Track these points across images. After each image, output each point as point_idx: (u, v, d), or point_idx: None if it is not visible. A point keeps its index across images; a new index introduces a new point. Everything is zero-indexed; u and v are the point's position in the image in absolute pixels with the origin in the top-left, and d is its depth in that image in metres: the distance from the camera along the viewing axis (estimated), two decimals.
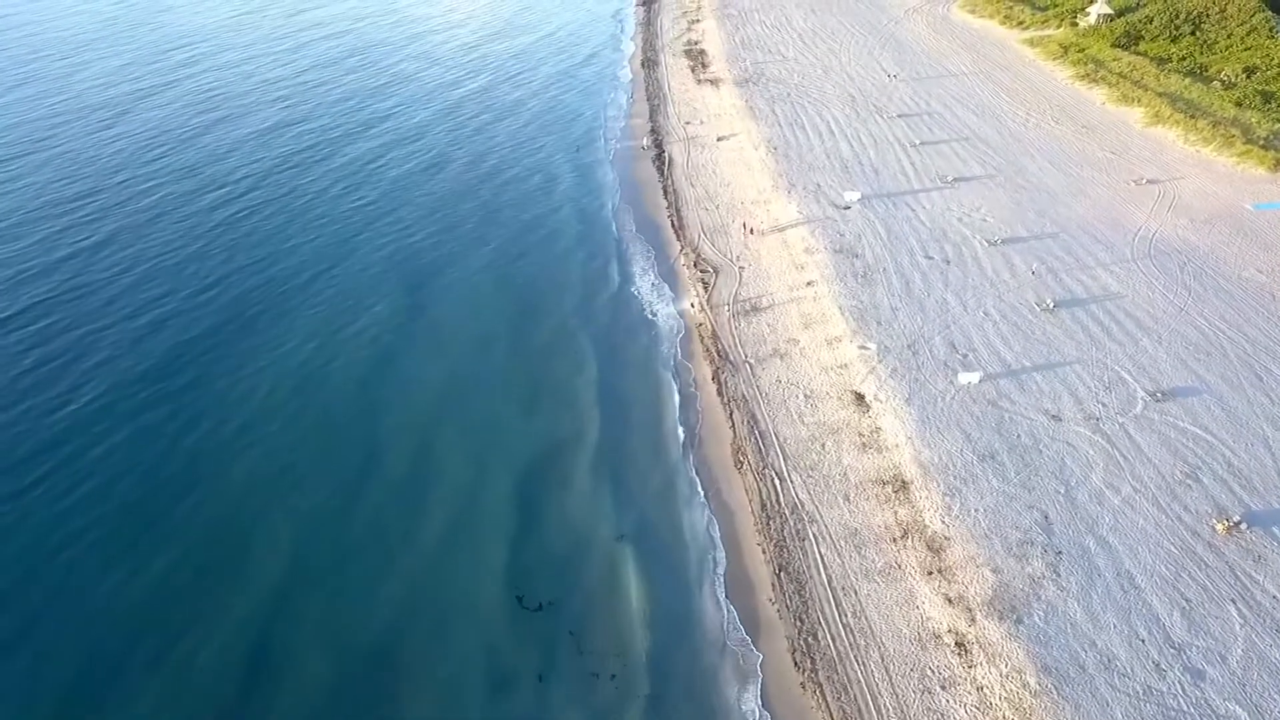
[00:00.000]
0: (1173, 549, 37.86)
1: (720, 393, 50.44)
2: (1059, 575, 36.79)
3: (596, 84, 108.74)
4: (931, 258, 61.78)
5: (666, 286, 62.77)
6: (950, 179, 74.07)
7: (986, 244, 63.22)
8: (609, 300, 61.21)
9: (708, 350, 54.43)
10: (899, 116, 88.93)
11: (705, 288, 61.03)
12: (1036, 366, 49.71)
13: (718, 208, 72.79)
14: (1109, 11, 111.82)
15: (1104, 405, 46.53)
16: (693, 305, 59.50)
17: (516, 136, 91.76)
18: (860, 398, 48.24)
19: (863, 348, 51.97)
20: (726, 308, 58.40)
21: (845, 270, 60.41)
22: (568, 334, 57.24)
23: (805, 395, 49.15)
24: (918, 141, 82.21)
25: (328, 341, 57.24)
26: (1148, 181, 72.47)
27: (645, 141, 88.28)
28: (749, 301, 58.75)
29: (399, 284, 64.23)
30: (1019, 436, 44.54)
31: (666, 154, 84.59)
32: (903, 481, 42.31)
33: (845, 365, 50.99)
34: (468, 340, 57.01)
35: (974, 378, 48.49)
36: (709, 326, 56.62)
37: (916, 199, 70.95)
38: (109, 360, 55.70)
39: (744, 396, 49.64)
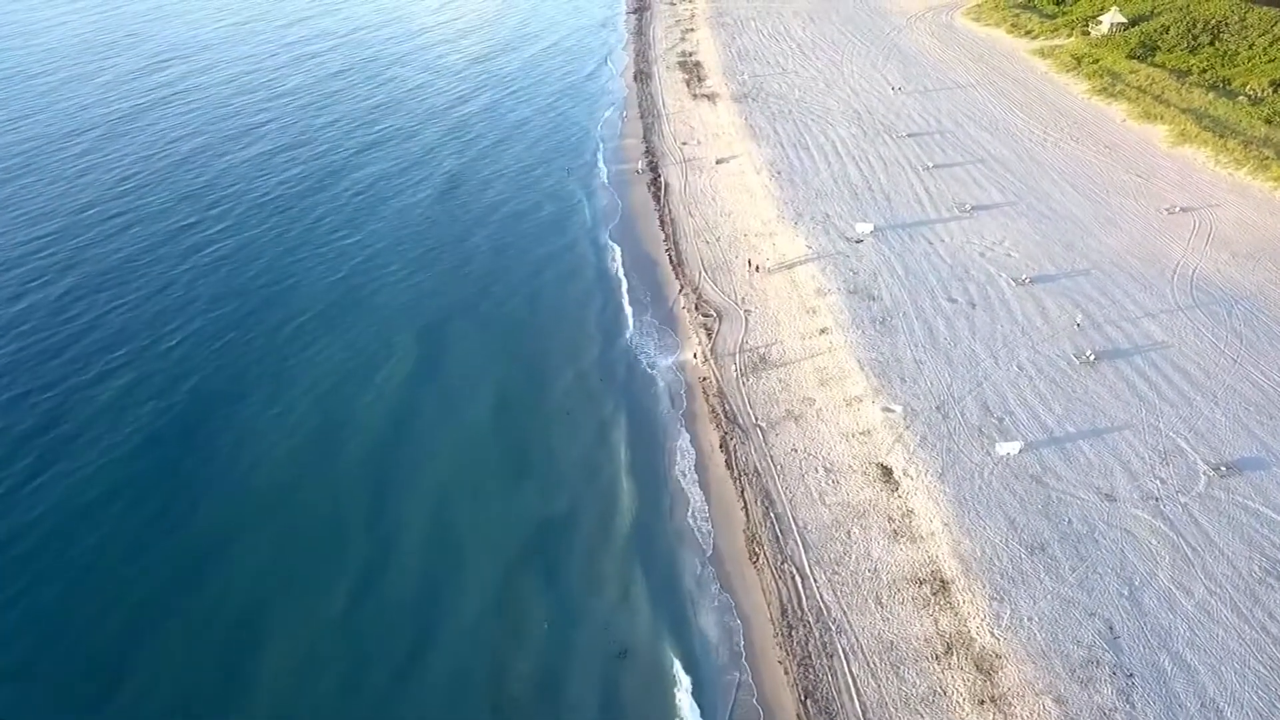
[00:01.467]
0: (1261, 669, 32.64)
1: (730, 464, 44.98)
2: (1133, 707, 31.49)
3: (586, 100, 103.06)
4: (955, 300, 56.51)
5: (666, 333, 57.23)
6: (968, 207, 68.84)
7: (1013, 283, 57.99)
8: (604, 351, 55.59)
9: (714, 411, 48.96)
10: (909, 136, 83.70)
11: (708, 335, 55.58)
12: (1082, 433, 44.46)
13: (718, 240, 67.35)
14: (1122, 20, 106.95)
15: (1162, 481, 41.31)
16: (695, 356, 54.01)
17: (504, 162, 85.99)
18: (887, 472, 42.89)
19: (887, 410, 46.64)
20: (733, 359, 52.96)
21: (862, 315, 55.07)
22: (560, 394, 51.53)
23: (825, 468, 43.76)
24: (930, 164, 76.97)
25: (324, 415, 51.08)
26: (1181, 210, 67.41)
27: (639, 165, 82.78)
28: (757, 352, 53.34)
29: (384, 335, 58.37)
30: (1070, 522, 39.26)
31: (662, 179, 79.08)
32: (942, 580, 36.97)
33: (868, 431, 45.62)
34: (444, 403, 51.22)
35: (1013, 448, 43.21)
36: (714, 382, 51.16)
37: (934, 230, 65.69)
38: (76, 436, 48.75)
39: (756, 470, 44.20)
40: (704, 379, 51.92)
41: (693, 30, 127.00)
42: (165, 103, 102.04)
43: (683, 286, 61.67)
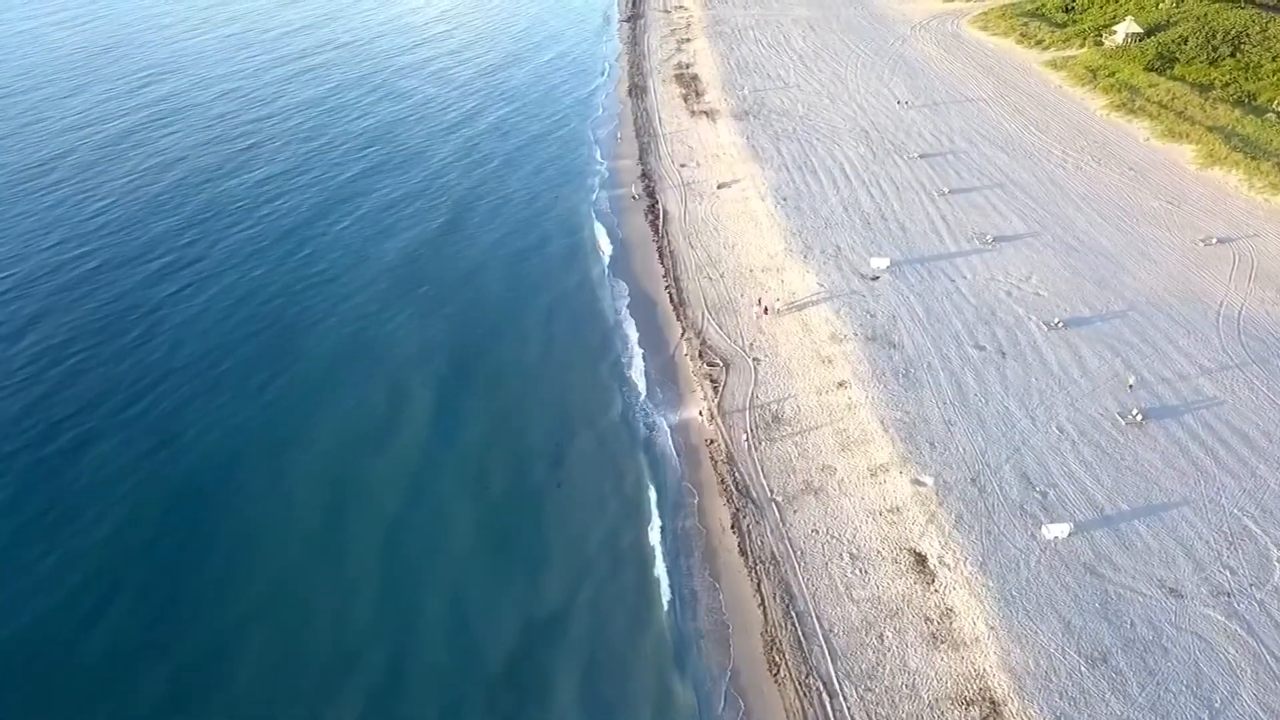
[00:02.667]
0: None
1: (743, 549, 40.09)
2: None
3: (578, 116, 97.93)
4: (983, 348, 51.76)
5: (668, 386, 52.25)
6: (990, 238, 64.13)
7: (1045, 327, 53.29)
8: (600, 409, 50.48)
9: (723, 482, 44.06)
10: (921, 157, 78.98)
11: (714, 388, 50.69)
12: (1136, 511, 39.75)
13: (722, 276, 62.46)
14: (1138, 31, 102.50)
15: (1232, 572, 36.65)
16: (700, 414, 49.09)
17: (490, 187, 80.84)
18: (921, 560, 38.09)
19: (917, 482, 41.85)
20: (742, 417, 48.06)
21: (882, 366, 50.27)
22: (550, 463, 46.48)
23: (851, 555, 38.92)
24: (946, 189, 72.24)
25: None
26: (1218, 241, 62.88)
27: (635, 189, 77.80)
28: (769, 409, 48.45)
29: (383, 394, 53.41)
30: (1133, 624, 34.53)
31: (660, 205, 74.13)
32: (993, 701, 32.18)
33: (897, 509, 40.81)
34: (408, 475, 46.10)
35: (1062, 530, 38.47)
36: (722, 445, 46.25)
37: (954, 265, 60.96)
38: (37, 521, 42.93)
39: (773, 556, 39.32)
40: (711, 441, 46.99)
41: (689, 40, 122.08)
42: (147, 125, 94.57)
43: (684, 330, 56.75)
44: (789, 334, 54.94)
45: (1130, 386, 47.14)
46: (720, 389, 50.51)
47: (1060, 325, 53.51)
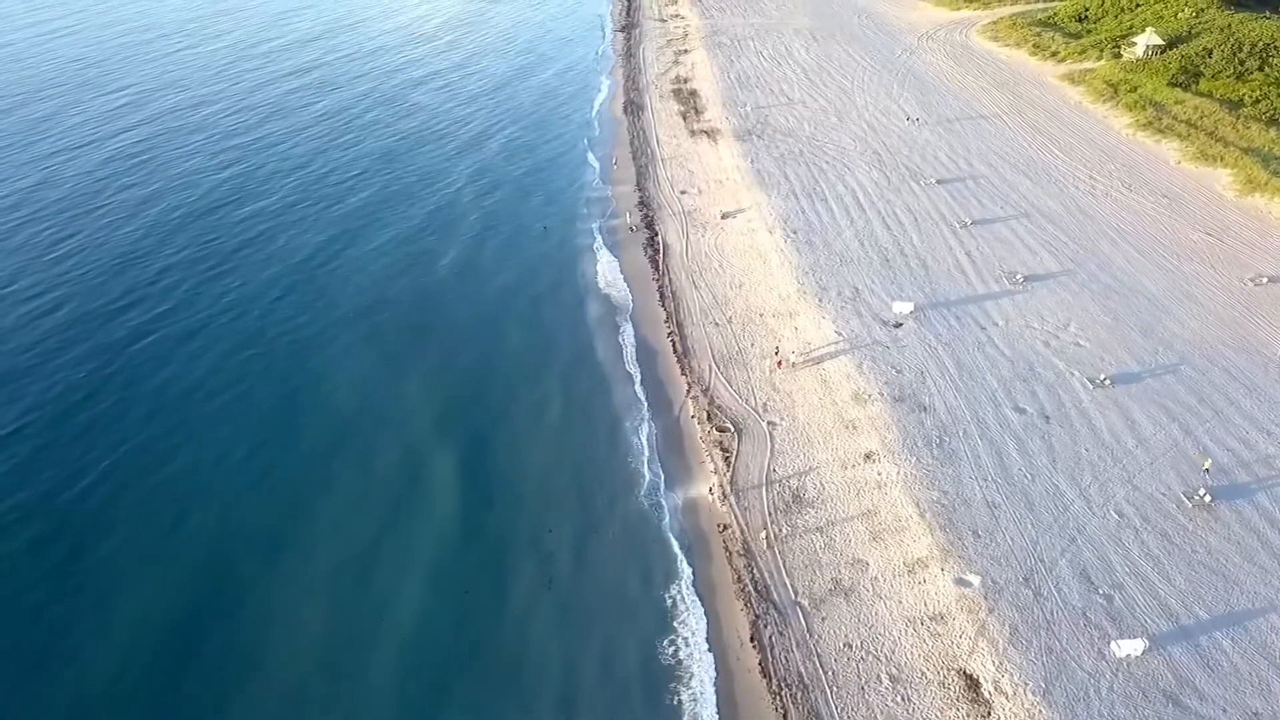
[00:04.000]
0: None
1: (765, 669, 34.65)
2: None
3: (571, 136, 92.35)
4: (1023, 410, 46.50)
5: (673, 455, 46.67)
6: (1020, 278, 58.92)
7: (1090, 385, 48.08)
8: (597, 483, 44.89)
9: (739, 579, 38.65)
10: (938, 182, 73.76)
11: (725, 458, 45.29)
12: (1217, 620, 34.55)
13: (730, 321, 57.08)
14: (1159, 42, 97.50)
15: None
16: (711, 491, 43.68)
17: (474, 214, 75.34)
18: (974, 685, 32.79)
19: (961, 582, 36.57)
20: (758, 496, 42.70)
21: (913, 433, 44.98)
22: (544, 554, 40.84)
23: (891, 677, 33.59)
24: (968, 220, 67.04)
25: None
26: (1269, 280, 57.83)
27: (633, 219, 72.36)
28: (788, 486, 43.10)
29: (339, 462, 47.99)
30: None
31: (660, 238, 68.73)
32: None
33: (941, 616, 35.52)
34: (390, 562, 40.83)
35: (1135, 648, 33.21)
36: (737, 533, 40.86)
37: (983, 309, 55.73)
38: None
39: (801, 679, 33.94)
40: (724, 527, 41.57)
41: (687, 51, 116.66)
42: (124, 155, 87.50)
43: (690, 386, 51.33)
44: (807, 392, 49.58)
45: (1206, 470, 41.82)
46: (732, 460, 45.11)
47: (1106, 382, 48.29)
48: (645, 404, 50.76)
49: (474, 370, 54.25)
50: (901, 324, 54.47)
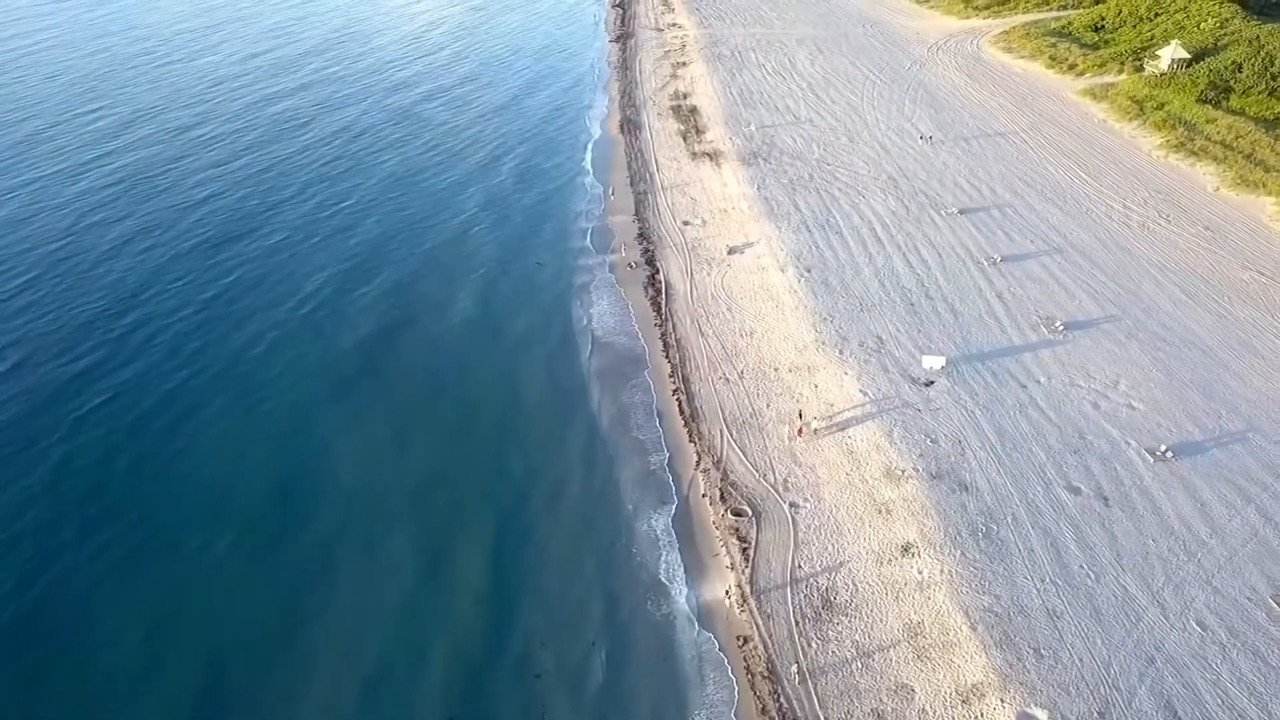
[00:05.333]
0: None
1: None
2: None
3: (564, 158, 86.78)
4: (1078, 490, 41.20)
5: (683, 545, 41.22)
6: (1059, 325, 53.65)
7: (1150, 458, 42.81)
8: (595, 583, 39.25)
9: (764, 711, 33.18)
10: (961, 213, 68.46)
11: (743, 549, 39.83)
12: None
13: (741, 377, 51.64)
14: (1185, 56, 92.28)
15: None
16: (728, 593, 38.19)
17: (461, 246, 69.82)
18: None
19: (1027, 718, 31.22)
20: (783, 601, 37.23)
21: (955, 520, 39.63)
22: (531, 677, 35.34)
23: None
24: (996, 256, 61.75)
25: None
26: None
27: (633, 255, 66.81)
28: (817, 587, 37.67)
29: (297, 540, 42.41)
30: None
31: (661, 276, 63.24)
32: None
33: None
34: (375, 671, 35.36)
35: None
36: (760, 650, 35.37)
37: (1022, 364, 50.41)
38: None
39: None
40: (744, 640, 36.07)
41: (685, 64, 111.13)
42: (97, 195, 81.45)
43: (700, 458, 45.83)
44: (832, 466, 44.15)
45: None
46: (751, 552, 39.64)
47: (1168, 455, 43.01)
48: (648, 480, 45.20)
49: (454, 437, 48.54)
50: (933, 382, 49.10)
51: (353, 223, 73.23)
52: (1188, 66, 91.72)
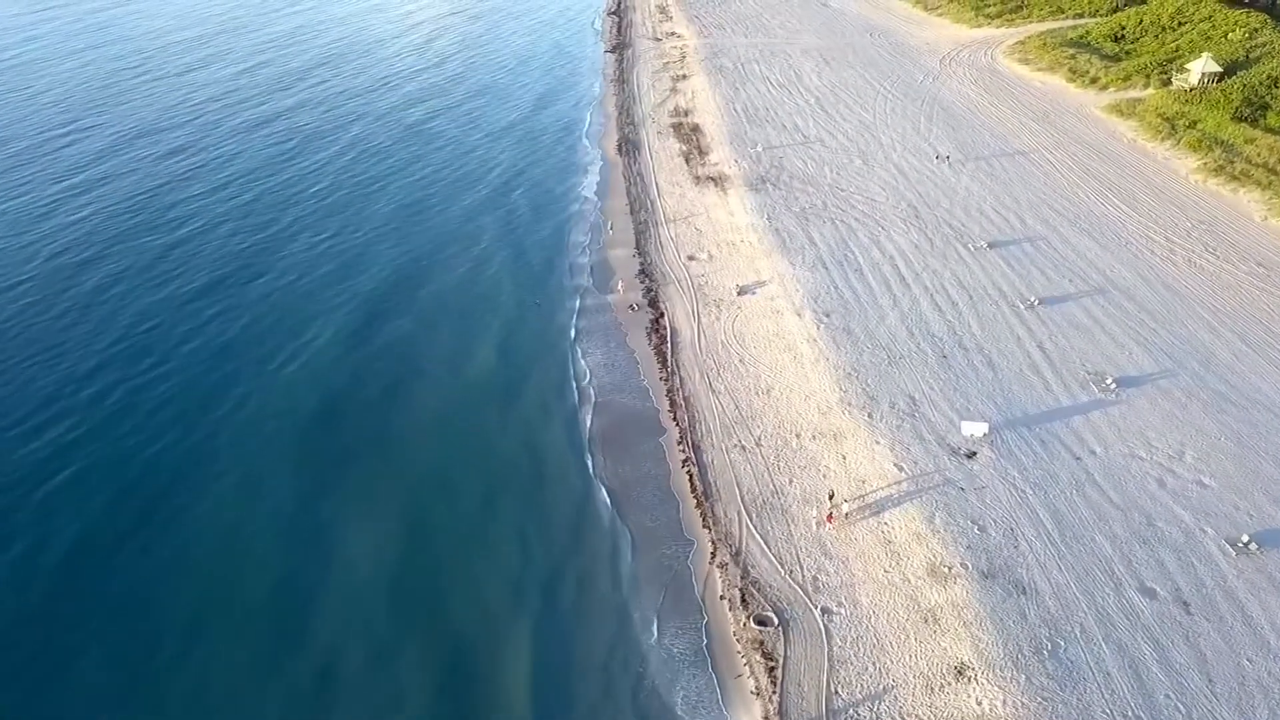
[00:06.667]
0: None
1: None
2: None
3: (559, 183, 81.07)
4: (1153, 593, 35.79)
5: (698, 666, 35.65)
6: (1110, 382, 48.28)
7: (1232, 551, 37.42)
8: (594, 712, 33.97)
9: None
10: (990, 246, 63.12)
11: (769, 669, 34.27)
12: None
13: (759, 445, 46.12)
14: (1216, 70, 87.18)
15: None
16: None
17: (447, 280, 64.20)
18: None
19: None
20: None
21: (1015, 633, 34.16)
22: None
23: None
24: (1033, 299, 56.40)
25: None
26: None
27: (633, 295, 61.27)
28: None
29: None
30: None
31: (666, 319, 57.69)
32: None
33: None
34: None
35: None
36: None
37: (1072, 429, 44.98)
38: None
39: None
40: None
41: (685, 77, 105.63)
42: (65, 229, 76.28)
43: (716, 548, 40.25)
44: (868, 559, 38.65)
45: None
46: (780, 674, 34.08)
47: (1251, 546, 37.64)
48: (656, 577, 39.56)
49: (432, 526, 42.87)
50: (975, 453, 43.65)
51: (318, 269, 66.76)
52: (1219, 80, 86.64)
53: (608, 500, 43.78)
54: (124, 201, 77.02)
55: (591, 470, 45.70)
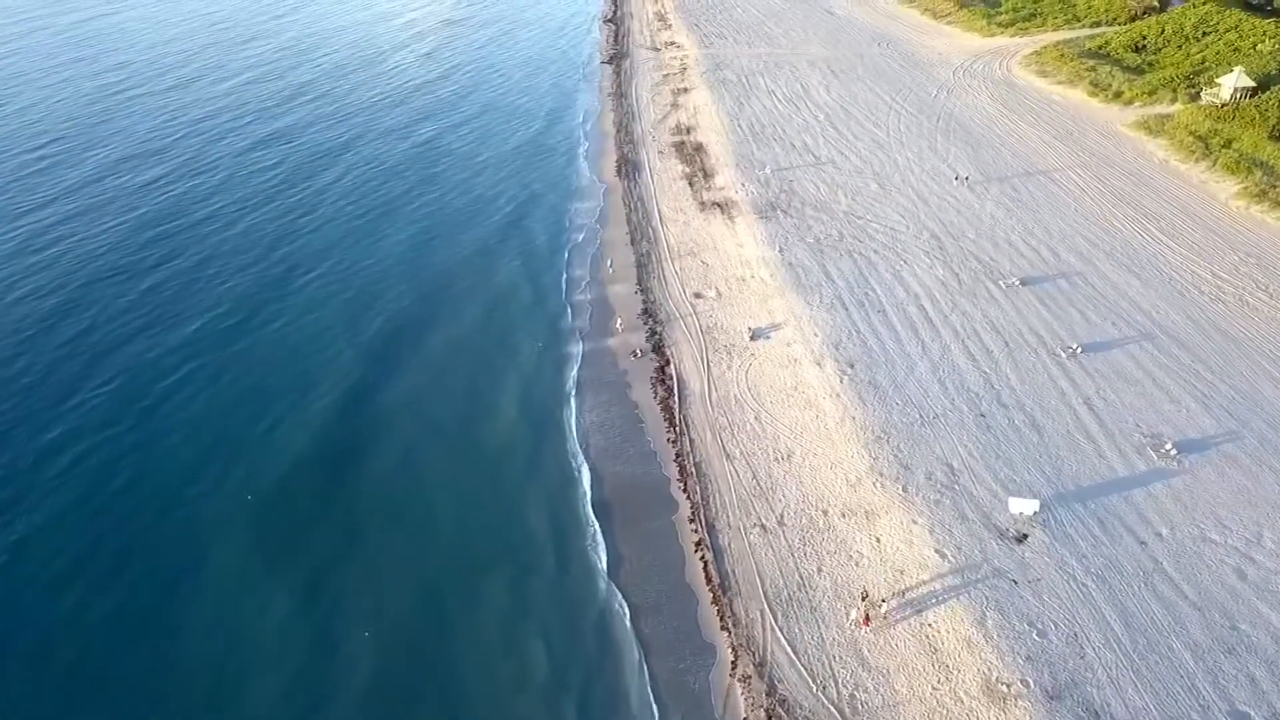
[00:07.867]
0: None
1: None
2: None
3: (555, 210, 75.69)
4: (1247, 718, 30.91)
5: None
6: (1169, 448, 43.35)
7: None
8: None
9: None
10: (1022, 284, 58.22)
11: None
12: None
13: (782, 525, 41.10)
14: (1249, 84, 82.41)
15: None
16: None
17: (430, 329, 59.11)
18: None
19: None
20: None
21: None
22: None
23: None
24: (1074, 345, 51.48)
25: None
26: None
27: (636, 339, 56.21)
28: None
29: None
30: None
31: (673, 368, 52.68)
32: None
33: None
34: None
35: None
36: None
37: (1133, 506, 40.07)
38: None
39: None
40: None
41: (686, 90, 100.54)
42: (31, 256, 71.74)
43: (736, 656, 35.22)
44: (912, 673, 33.67)
45: None
46: None
47: None
48: (670, 695, 34.54)
49: (419, 615, 37.93)
50: (1026, 535, 38.75)
51: (308, 316, 61.52)
52: (1252, 95, 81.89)
53: (616, 604, 38.39)
54: (97, 238, 71.03)
55: (596, 562, 40.49)
